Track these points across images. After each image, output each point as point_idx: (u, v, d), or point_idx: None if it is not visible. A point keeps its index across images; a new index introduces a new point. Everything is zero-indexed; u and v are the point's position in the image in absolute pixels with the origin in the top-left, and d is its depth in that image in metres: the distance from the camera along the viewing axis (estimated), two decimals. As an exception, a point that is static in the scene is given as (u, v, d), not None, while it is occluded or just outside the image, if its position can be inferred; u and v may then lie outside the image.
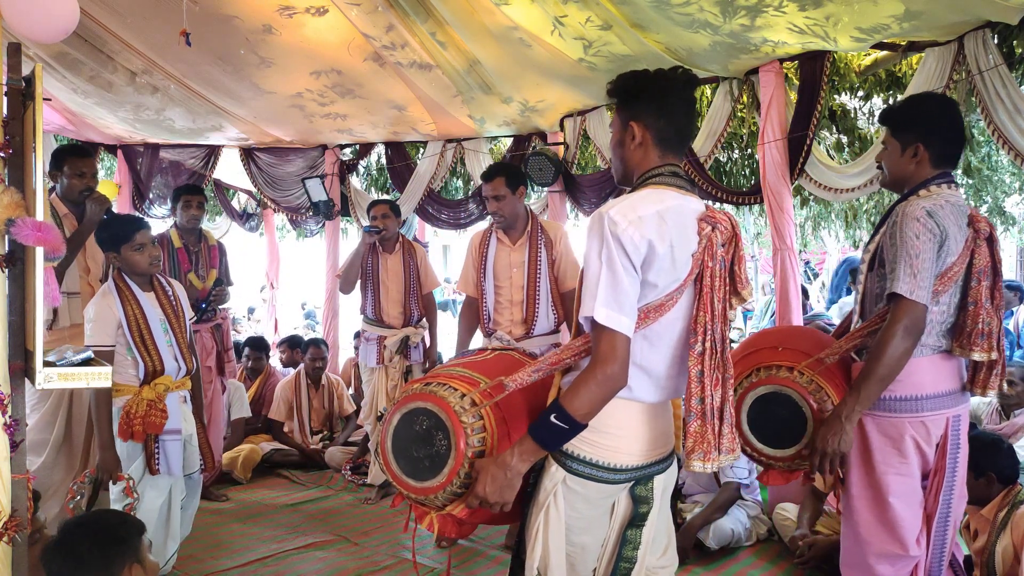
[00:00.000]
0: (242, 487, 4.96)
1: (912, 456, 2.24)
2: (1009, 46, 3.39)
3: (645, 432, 1.79)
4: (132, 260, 3.09)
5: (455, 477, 1.81)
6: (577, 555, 1.85)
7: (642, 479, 1.82)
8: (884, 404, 2.23)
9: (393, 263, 4.62)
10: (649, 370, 1.77)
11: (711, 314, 1.73)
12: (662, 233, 1.68)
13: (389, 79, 5.00)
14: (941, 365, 2.26)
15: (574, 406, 1.66)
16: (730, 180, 5.43)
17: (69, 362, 2.02)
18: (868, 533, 2.30)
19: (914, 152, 2.25)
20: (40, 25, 2.10)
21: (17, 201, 1.90)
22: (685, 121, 1.83)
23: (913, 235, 2.11)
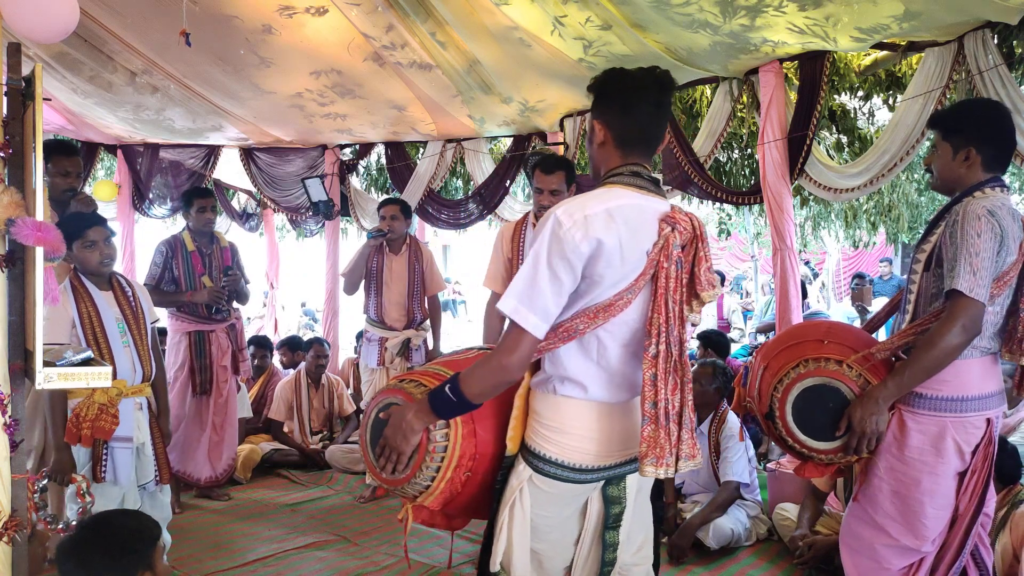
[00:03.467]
0: (242, 487, 4.95)
1: (951, 456, 2.23)
2: (1009, 46, 3.39)
3: (610, 432, 1.78)
4: (83, 257, 2.98)
5: (419, 470, 1.86)
6: (545, 554, 1.86)
7: (613, 479, 1.82)
8: (928, 403, 2.23)
9: (398, 265, 4.61)
10: (605, 370, 1.76)
11: (665, 316, 1.72)
12: (610, 230, 1.67)
13: (389, 79, 5.00)
14: (989, 367, 2.27)
15: (467, 384, 1.70)
16: (730, 180, 5.44)
17: (69, 362, 2.02)
18: (885, 522, 2.31)
19: (966, 156, 2.25)
20: (40, 25, 2.10)
21: (17, 201, 1.90)
22: (650, 122, 1.80)
23: (975, 233, 2.10)
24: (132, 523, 1.96)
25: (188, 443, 4.57)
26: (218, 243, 4.64)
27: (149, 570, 1.86)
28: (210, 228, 4.63)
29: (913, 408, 2.25)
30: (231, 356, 4.66)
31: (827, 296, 11.70)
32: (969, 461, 2.26)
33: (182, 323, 4.53)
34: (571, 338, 1.73)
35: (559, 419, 1.77)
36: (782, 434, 2.35)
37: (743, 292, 12.30)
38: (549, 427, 1.78)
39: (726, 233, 8.98)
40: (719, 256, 17.02)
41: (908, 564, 2.31)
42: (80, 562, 1.83)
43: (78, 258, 2.98)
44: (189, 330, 4.52)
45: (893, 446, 2.29)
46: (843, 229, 7.94)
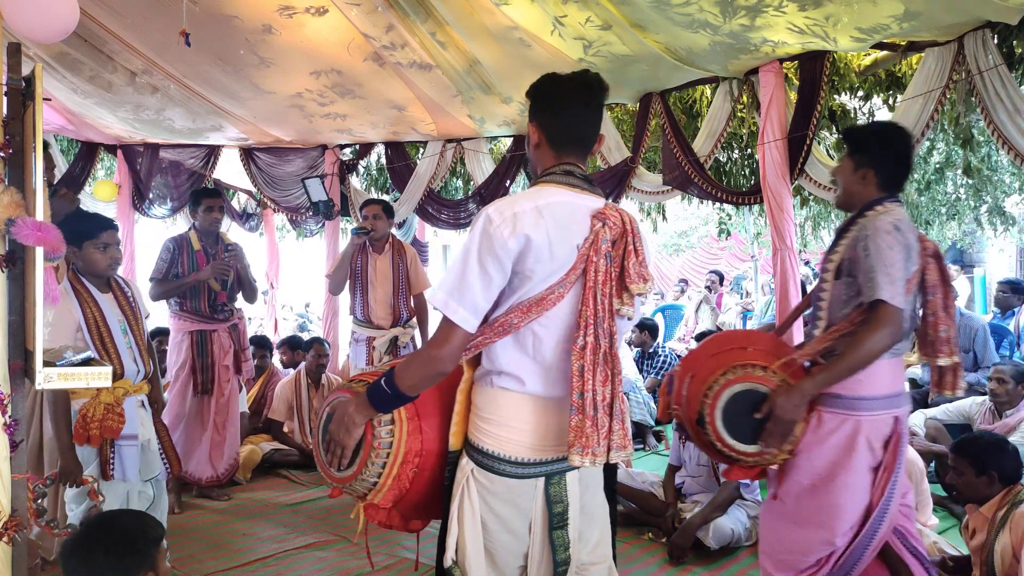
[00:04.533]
0: (242, 487, 4.96)
1: (863, 452, 2.38)
2: (1009, 46, 3.39)
3: (546, 427, 1.81)
4: (92, 258, 2.97)
5: (364, 467, 1.90)
6: (499, 552, 1.88)
7: (552, 476, 1.84)
8: (843, 403, 2.37)
9: (382, 264, 4.63)
10: (541, 364, 1.80)
11: (593, 308, 1.75)
12: (539, 226, 1.72)
13: (389, 79, 5.00)
14: (897, 369, 2.44)
15: (401, 377, 1.77)
16: (730, 180, 5.44)
17: (69, 362, 2.02)
18: (802, 519, 2.44)
19: (863, 175, 2.45)
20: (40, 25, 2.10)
21: (17, 201, 1.90)
22: (580, 123, 1.86)
23: (887, 246, 2.29)
24: (136, 523, 1.96)
25: (189, 443, 4.58)
26: (223, 243, 4.65)
27: (152, 570, 1.86)
28: (216, 228, 4.64)
29: (830, 408, 2.39)
30: (233, 356, 4.67)
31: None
32: (880, 457, 2.40)
33: (184, 322, 4.53)
34: (506, 333, 1.77)
35: (496, 412, 1.81)
36: (711, 439, 2.44)
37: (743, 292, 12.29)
38: (487, 420, 1.82)
39: (726, 233, 8.96)
40: (719, 256, 17.03)
41: (820, 558, 2.43)
42: (84, 561, 1.84)
43: (87, 258, 2.97)
44: (191, 329, 4.53)
45: (812, 445, 2.41)
46: (843, 229, 7.92)
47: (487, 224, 1.72)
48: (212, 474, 4.65)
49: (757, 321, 8.36)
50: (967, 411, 4.73)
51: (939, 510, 4.04)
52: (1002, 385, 4.35)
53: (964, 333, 5.29)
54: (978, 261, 14.46)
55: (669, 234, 17.03)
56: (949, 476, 2.99)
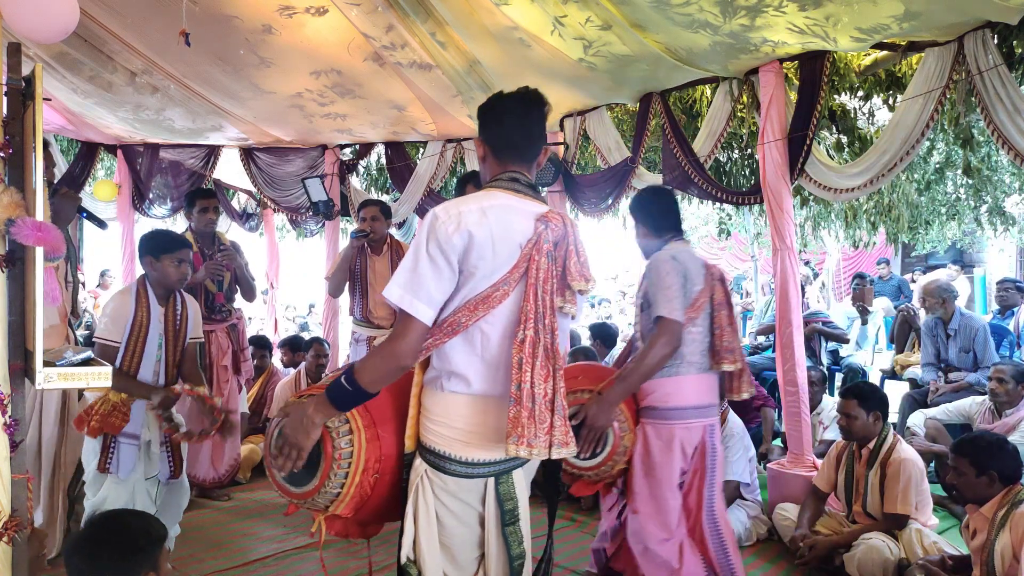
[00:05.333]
0: (242, 487, 4.96)
1: (678, 455, 2.78)
2: (1009, 46, 3.39)
3: (495, 427, 1.86)
4: (167, 271, 3.21)
5: (327, 480, 1.94)
6: (456, 549, 1.96)
7: (500, 475, 1.92)
8: (661, 414, 2.78)
9: (381, 265, 4.63)
10: (489, 364, 1.87)
11: (534, 304, 1.84)
12: (482, 224, 1.83)
13: (389, 79, 5.00)
14: (702, 382, 2.83)
15: (361, 373, 1.81)
16: (730, 180, 5.44)
17: (69, 362, 2.02)
18: (647, 522, 2.81)
19: (644, 232, 2.98)
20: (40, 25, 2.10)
21: (17, 201, 1.90)
22: (518, 135, 1.99)
23: (664, 273, 2.72)
24: (141, 523, 1.97)
25: (194, 446, 4.53)
26: (220, 244, 4.64)
27: (153, 570, 1.87)
28: (212, 229, 4.62)
29: (652, 420, 2.80)
30: (232, 356, 4.66)
31: (827, 296, 11.68)
32: (691, 462, 2.82)
33: None
34: (456, 332, 1.85)
35: (445, 414, 1.89)
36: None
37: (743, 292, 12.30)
38: (436, 422, 1.90)
39: (726, 233, 8.96)
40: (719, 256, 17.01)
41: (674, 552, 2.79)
42: (88, 557, 1.84)
43: (163, 270, 3.20)
44: None
45: (642, 455, 2.81)
46: (843, 229, 7.92)
47: (434, 221, 1.83)
48: (214, 475, 4.65)
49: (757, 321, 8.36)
50: (967, 411, 4.73)
51: (939, 510, 4.04)
52: (1002, 385, 4.36)
53: (964, 333, 5.29)
54: (978, 261, 14.46)
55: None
56: (949, 476, 2.99)
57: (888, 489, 3.42)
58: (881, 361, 6.90)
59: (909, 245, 12.04)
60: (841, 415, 3.60)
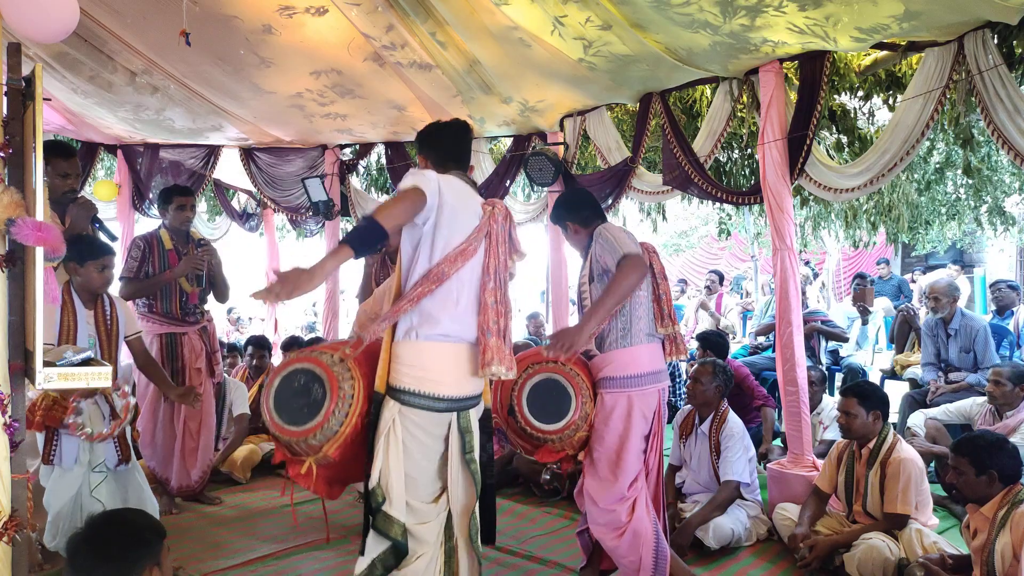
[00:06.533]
0: (242, 487, 4.96)
1: (637, 421, 3.01)
2: (1009, 46, 3.39)
3: (462, 369, 2.42)
4: (91, 277, 3.39)
5: (330, 417, 2.31)
6: (419, 478, 2.38)
7: (461, 411, 2.43)
8: (618, 383, 3.00)
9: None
10: (459, 311, 2.40)
11: (497, 260, 2.47)
12: (448, 190, 2.39)
13: (389, 79, 5.00)
14: (655, 350, 3.11)
15: (379, 213, 2.23)
16: (730, 180, 5.44)
17: (69, 362, 2.03)
18: (604, 483, 3.02)
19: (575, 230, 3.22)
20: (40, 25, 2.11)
21: (17, 201, 1.90)
22: (455, 149, 2.65)
23: (615, 232, 3.03)
24: (144, 520, 2.00)
25: (165, 449, 4.47)
26: (193, 242, 4.55)
27: (157, 566, 1.87)
28: (187, 227, 4.55)
29: (609, 389, 3.01)
30: (205, 358, 4.57)
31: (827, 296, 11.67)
32: (651, 425, 3.10)
33: (154, 325, 4.42)
34: (441, 281, 2.34)
35: (419, 359, 2.35)
36: (521, 424, 2.97)
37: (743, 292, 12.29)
38: (411, 366, 2.35)
39: (726, 233, 8.96)
40: (719, 256, 17.02)
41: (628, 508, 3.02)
42: (93, 553, 1.86)
43: (86, 275, 3.37)
44: (160, 332, 4.42)
45: (601, 423, 3.02)
46: (843, 229, 7.91)
47: (416, 171, 2.38)
48: (186, 482, 4.49)
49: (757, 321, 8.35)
50: (967, 412, 4.73)
51: (939, 510, 4.04)
52: (999, 387, 4.34)
53: (964, 333, 5.29)
54: (978, 261, 14.47)
55: (669, 234, 17.01)
56: (949, 476, 2.98)
57: (888, 489, 3.42)
58: (881, 361, 6.90)
59: (909, 245, 12.04)
60: (841, 413, 3.60)
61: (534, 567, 3.61)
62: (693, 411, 4.14)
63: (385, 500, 2.32)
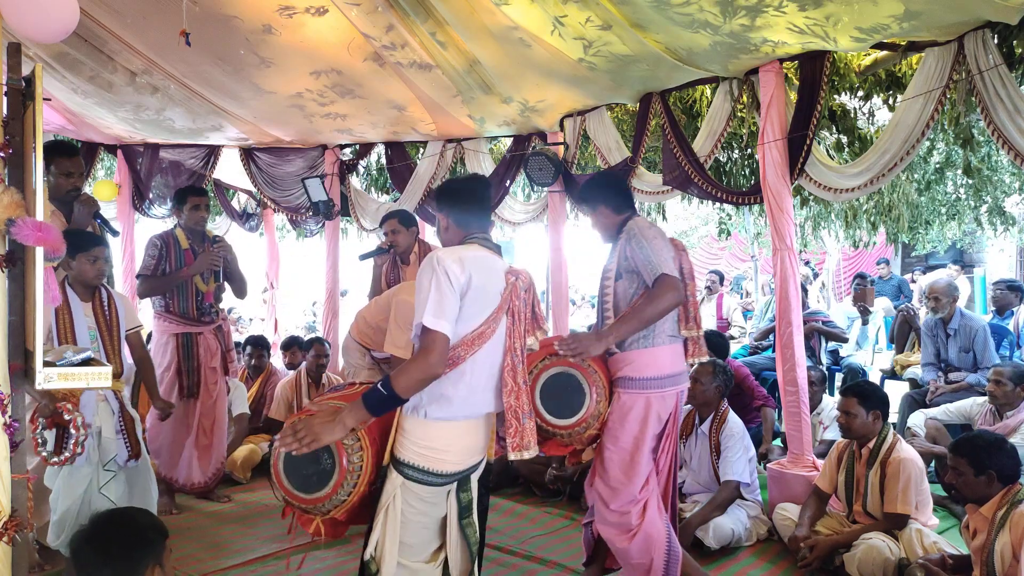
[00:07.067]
0: (242, 487, 4.96)
1: (652, 423, 2.96)
2: (1009, 46, 3.38)
3: (468, 445, 2.35)
4: (83, 268, 3.37)
5: (339, 488, 2.31)
6: (416, 546, 2.35)
7: (463, 480, 2.38)
8: (637, 384, 2.94)
9: (411, 274, 4.55)
10: (471, 390, 2.30)
11: (520, 341, 2.40)
12: (476, 269, 2.28)
13: (389, 79, 5.00)
14: (676, 351, 3.05)
15: (399, 383, 2.16)
16: (730, 180, 5.44)
17: (69, 362, 2.02)
18: (615, 484, 2.98)
19: (604, 214, 3.14)
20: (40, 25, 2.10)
21: (17, 201, 1.90)
22: (478, 208, 2.50)
23: (652, 235, 2.95)
24: (147, 519, 2.01)
25: (174, 447, 4.50)
26: (209, 242, 4.58)
27: (159, 566, 1.87)
28: (203, 227, 4.58)
29: (628, 389, 2.95)
30: (221, 357, 4.61)
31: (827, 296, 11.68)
32: (665, 426, 3.03)
33: (169, 324, 4.46)
34: (455, 365, 2.24)
35: (426, 438, 2.27)
36: (536, 416, 2.84)
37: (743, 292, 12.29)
38: (418, 444, 2.28)
39: (726, 233, 8.96)
40: (719, 256, 17.01)
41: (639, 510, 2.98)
42: (96, 549, 1.86)
43: (78, 268, 3.35)
44: (176, 332, 4.45)
45: (616, 423, 2.96)
46: (843, 229, 7.92)
47: (442, 263, 2.23)
48: (200, 479, 4.55)
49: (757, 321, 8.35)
50: (967, 412, 4.73)
51: (939, 510, 4.04)
52: (999, 387, 4.34)
53: (964, 333, 5.29)
54: (978, 261, 14.47)
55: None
56: (948, 476, 2.99)
57: (888, 489, 3.42)
58: (881, 361, 6.90)
59: (909, 245, 12.04)
60: (841, 413, 3.60)
61: (534, 567, 3.61)
62: (693, 411, 4.14)
63: (378, 572, 2.31)
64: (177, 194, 4.71)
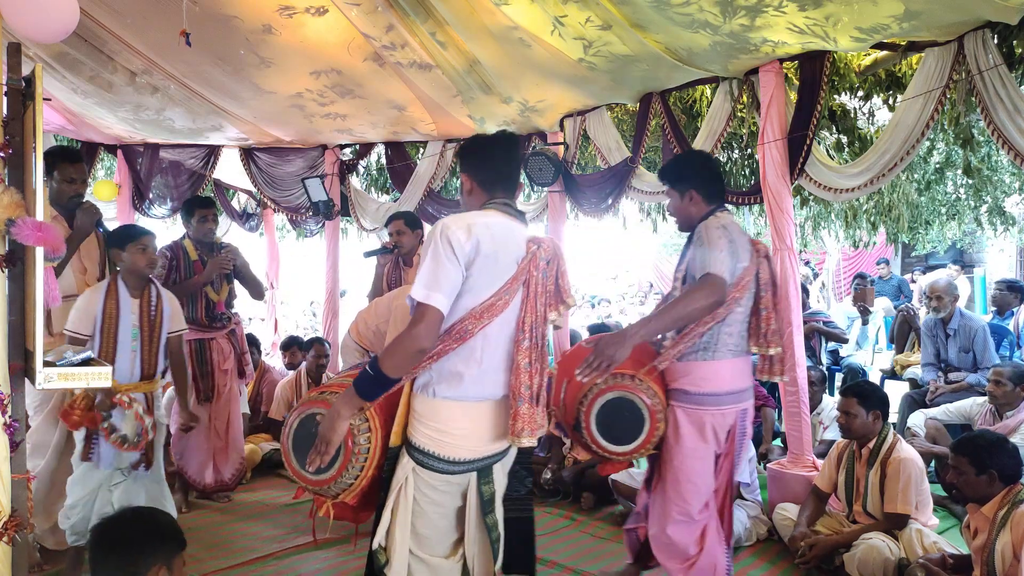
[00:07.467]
0: (242, 487, 4.95)
1: (710, 441, 2.75)
2: (1009, 46, 3.38)
3: (483, 430, 2.15)
4: (134, 259, 3.31)
5: (344, 471, 2.19)
6: (432, 537, 2.18)
7: (483, 471, 2.18)
8: (693, 399, 2.72)
9: (413, 277, 4.56)
10: (482, 369, 2.11)
11: (535, 315, 2.15)
12: (486, 236, 2.08)
13: (389, 79, 5.00)
14: (739, 366, 2.79)
15: (385, 362, 2.02)
16: (730, 180, 5.44)
17: (69, 362, 2.03)
18: (670, 506, 2.81)
19: (690, 197, 2.84)
20: (40, 25, 2.10)
21: (17, 201, 1.90)
22: (504, 169, 2.28)
23: (716, 236, 2.66)
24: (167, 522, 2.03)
25: (193, 449, 4.53)
26: (217, 248, 4.60)
27: (166, 567, 1.89)
28: (211, 237, 4.60)
29: (683, 404, 2.74)
30: (235, 359, 4.65)
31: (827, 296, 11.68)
32: (723, 445, 2.80)
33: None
34: (464, 339, 2.07)
35: (436, 419, 2.11)
36: (587, 442, 2.78)
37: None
38: (428, 426, 2.11)
39: (726, 233, 8.95)
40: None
41: (697, 535, 2.81)
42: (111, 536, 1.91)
43: (130, 259, 3.32)
44: (189, 339, 4.42)
45: (672, 439, 2.77)
46: (843, 229, 7.91)
47: (446, 230, 2.06)
48: (219, 478, 4.60)
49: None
50: (967, 412, 4.73)
51: (939, 510, 4.04)
52: (999, 387, 4.34)
53: (963, 333, 5.29)
54: (978, 261, 14.46)
55: (669, 234, 16.97)
56: (949, 475, 2.98)
57: (888, 489, 3.42)
58: (881, 361, 6.90)
59: (909, 245, 12.03)
60: (841, 413, 3.60)
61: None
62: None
63: (387, 563, 2.14)
64: (184, 206, 4.73)
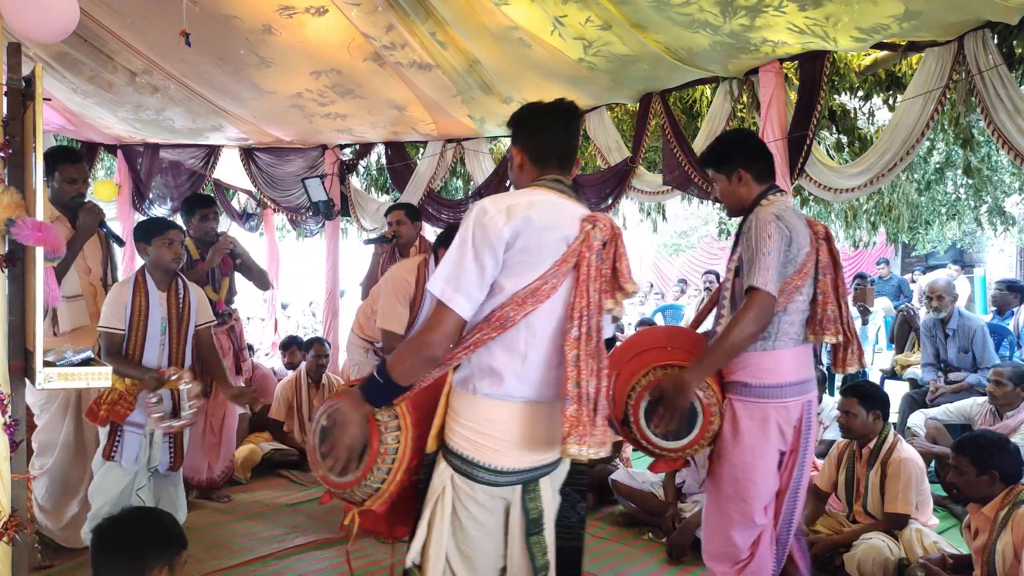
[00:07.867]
0: (242, 487, 4.95)
1: (774, 438, 2.54)
2: (1009, 46, 3.39)
3: (528, 436, 1.84)
4: (160, 252, 3.31)
5: (369, 472, 1.90)
6: (476, 556, 1.90)
7: (528, 483, 1.88)
8: (754, 391, 2.51)
9: None
10: (527, 364, 1.84)
11: (587, 301, 1.83)
12: (530, 216, 1.82)
13: (389, 79, 5.00)
14: (801, 355, 2.58)
15: (394, 367, 1.81)
16: (730, 180, 5.43)
17: (69, 362, 2.03)
18: (727, 505, 2.61)
19: (739, 177, 2.61)
20: (40, 25, 2.11)
21: (17, 201, 1.90)
22: (559, 141, 2.01)
23: (766, 236, 2.43)
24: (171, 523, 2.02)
25: (189, 445, 4.52)
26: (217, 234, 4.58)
27: (167, 568, 1.89)
28: (212, 237, 4.57)
29: (742, 397, 2.53)
30: (233, 356, 4.64)
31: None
32: (790, 441, 2.58)
33: None
34: (505, 327, 1.80)
35: (475, 419, 1.84)
36: (637, 437, 2.58)
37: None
38: (467, 427, 1.85)
39: (726, 233, 8.97)
40: (719, 256, 17.02)
41: (752, 539, 2.61)
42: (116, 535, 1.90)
43: (155, 253, 3.31)
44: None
45: (729, 434, 2.55)
46: (843, 229, 7.92)
47: (481, 215, 1.82)
48: (208, 476, 4.59)
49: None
50: (967, 412, 4.73)
51: (939, 510, 4.04)
52: (1000, 387, 4.34)
53: (962, 333, 5.29)
54: (978, 261, 14.47)
55: (669, 234, 17.02)
56: (950, 475, 2.98)
57: (888, 488, 3.42)
58: (881, 361, 6.90)
59: (909, 245, 12.04)
60: (841, 413, 3.60)
61: None
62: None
63: None
64: (185, 205, 4.70)
